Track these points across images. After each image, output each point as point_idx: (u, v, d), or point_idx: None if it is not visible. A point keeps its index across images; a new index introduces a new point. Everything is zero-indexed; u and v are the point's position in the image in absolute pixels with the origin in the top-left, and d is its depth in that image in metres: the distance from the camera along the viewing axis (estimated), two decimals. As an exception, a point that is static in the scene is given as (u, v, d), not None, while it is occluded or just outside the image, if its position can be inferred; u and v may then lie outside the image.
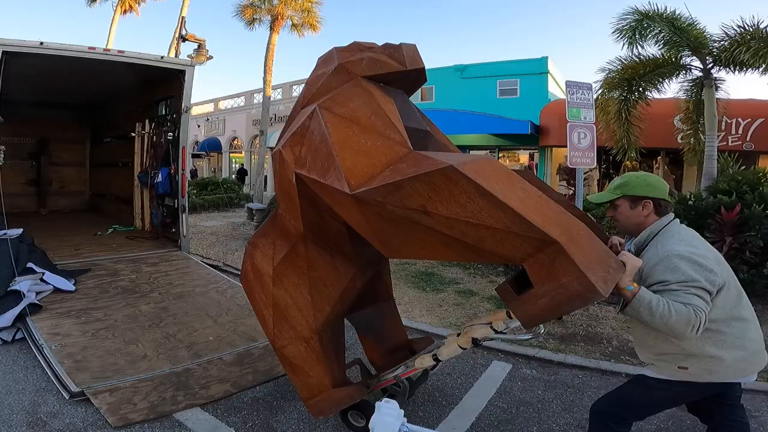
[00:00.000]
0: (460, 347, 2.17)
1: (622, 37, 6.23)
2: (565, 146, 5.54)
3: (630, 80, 6.54)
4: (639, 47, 6.30)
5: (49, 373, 3.03)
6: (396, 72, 2.35)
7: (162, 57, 5.92)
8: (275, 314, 2.40)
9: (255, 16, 17.20)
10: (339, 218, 2.10)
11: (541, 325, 2.13)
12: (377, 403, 1.44)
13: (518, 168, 15.18)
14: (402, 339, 3.01)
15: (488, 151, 15.48)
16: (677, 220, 1.83)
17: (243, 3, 16.96)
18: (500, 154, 15.41)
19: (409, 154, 2.00)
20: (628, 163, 11.70)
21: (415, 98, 16.98)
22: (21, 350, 3.51)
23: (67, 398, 2.77)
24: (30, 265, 4.11)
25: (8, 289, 3.69)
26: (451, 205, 1.71)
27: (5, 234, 4.22)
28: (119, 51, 5.52)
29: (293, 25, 18.31)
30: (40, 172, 9.48)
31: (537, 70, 14.38)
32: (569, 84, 4.82)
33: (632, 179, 1.85)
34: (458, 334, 2.25)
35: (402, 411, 1.40)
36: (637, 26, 6.13)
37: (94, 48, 5.32)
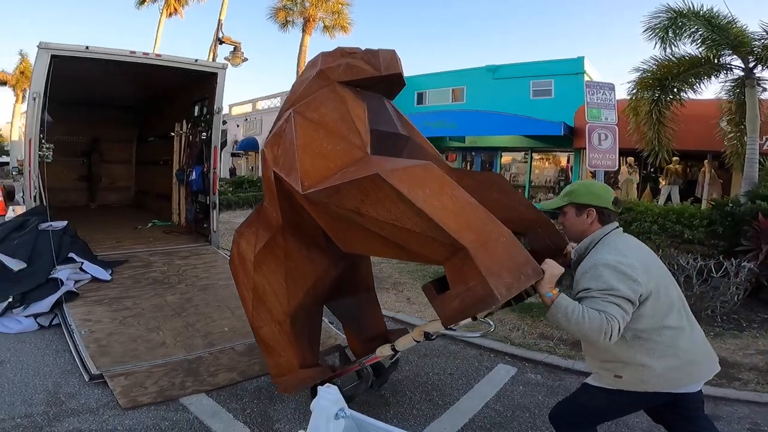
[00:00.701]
0: (414, 339, 2.33)
1: (654, 36, 5.99)
2: None
3: (663, 80, 6.27)
4: (673, 46, 6.03)
5: (75, 356, 3.33)
6: (372, 77, 2.48)
7: (196, 60, 6.21)
8: (254, 297, 2.59)
9: (288, 19, 17.58)
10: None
11: (492, 323, 2.21)
12: (319, 388, 1.54)
13: (557, 169, 14.89)
14: (380, 329, 3.12)
15: (524, 153, 15.21)
16: (620, 229, 1.87)
17: (276, 5, 17.31)
18: (534, 156, 15.08)
19: (363, 158, 2.16)
20: (671, 166, 11.16)
21: (446, 99, 16.98)
22: (55, 335, 3.86)
23: (86, 380, 3.05)
24: (71, 255, 4.49)
25: (48, 277, 4.07)
26: (379, 209, 1.90)
27: (50, 226, 4.62)
28: (156, 54, 5.89)
29: (324, 26, 18.56)
30: (91, 169, 10.16)
31: (573, 70, 13.94)
32: (589, 84, 4.72)
33: (579, 187, 1.91)
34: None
35: (340, 397, 1.49)
36: (671, 25, 5.88)
37: (134, 52, 5.69)
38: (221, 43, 10.40)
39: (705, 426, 1.86)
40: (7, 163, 25.63)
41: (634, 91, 6.62)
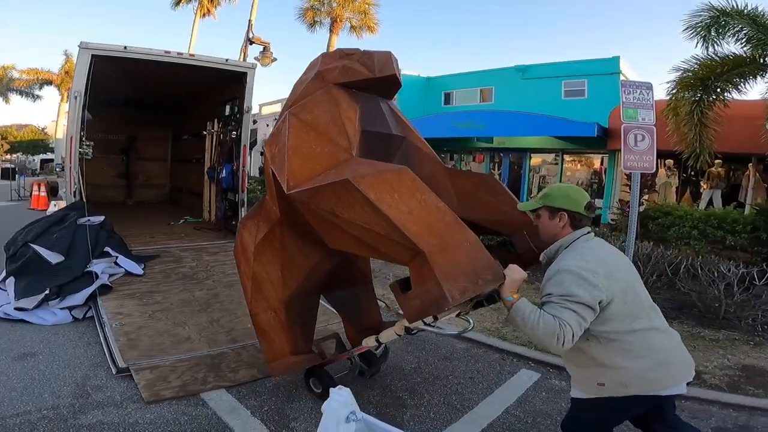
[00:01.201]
0: (396, 333, 2.43)
1: (695, 35, 5.73)
2: None
3: (705, 80, 5.98)
4: (716, 45, 5.76)
5: (105, 349, 3.45)
6: (367, 79, 2.58)
7: (226, 60, 6.35)
8: (253, 285, 2.72)
9: (315, 19, 17.72)
10: None
11: (471, 321, 2.25)
12: (330, 390, 1.55)
13: (590, 171, 14.43)
14: (375, 320, 3.20)
15: (554, 154, 14.83)
16: (590, 234, 1.87)
17: (304, 6, 17.49)
18: (565, 158, 14.69)
19: (347, 160, 2.29)
20: (713, 170, 10.65)
21: (474, 99, 16.76)
22: (88, 327, 4.02)
23: (114, 373, 3.15)
24: (107, 249, 4.68)
25: (84, 270, 4.24)
26: (351, 212, 2.03)
27: (88, 221, 4.83)
28: (190, 54, 6.05)
29: (351, 27, 18.64)
30: (128, 167, 10.59)
31: (608, 70, 13.46)
32: (624, 84, 4.54)
33: (554, 190, 1.91)
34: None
35: (352, 399, 1.48)
36: (713, 23, 5.62)
37: (169, 52, 5.87)
38: (251, 43, 10.58)
39: (680, 426, 1.89)
40: (52, 160, 26.98)
41: (674, 91, 6.37)
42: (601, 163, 14.14)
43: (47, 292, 4.05)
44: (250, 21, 11.50)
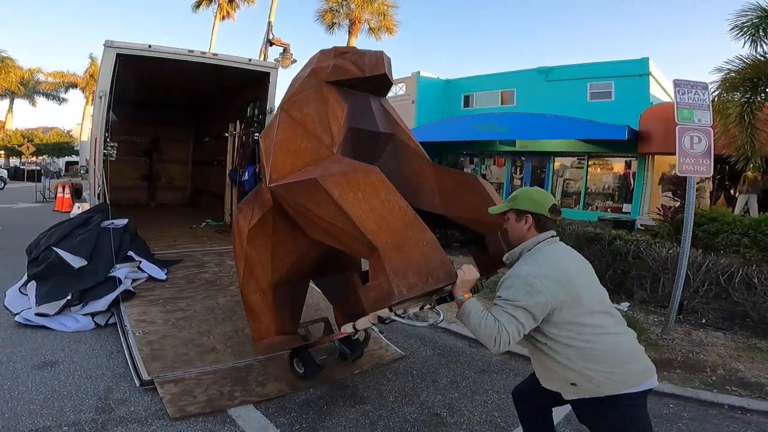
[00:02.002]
0: (370, 321, 2.47)
1: (742, 35, 5.41)
2: (672, 153, 4.87)
3: (755, 80, 5.63)
4: (765, 45, 5.42)
5: (128, 359, 3.31)
6: (357, 78, 2.69)
7: (250, 60, 6.25)
8: (245, 267, 2.82)
9: (334, 21, 17.67)
10: None
11: (441, 314, 2.30)
12: None
13: (617, 175, 13.95)
14: (364, 308, 3.21)
15: (579, 158, 14.43)
16: (553, 239, 1.87)
17: (323, 8, 17.46)
18: (590, 162, 14.26)
19: (327, 157, 2.43)
20: (749, 174, 10.16)
21: (494, 101, 16.47)
22: (110, 335, 3.90)
23: (138, 386, 3.00)
24: (130, 253, 4.56)
25: (107, 275, 4.12)
26: (318, 207, 2.19)
27: (112, 224, 4.73)
28: (213, 54, 5.95)
29: (370, 28, 18.56)
30: (151, 169, 10.56)
31: (636, 71, 13.04)
32: (678, 83, 4.25)
33: (520, 193, 1.94)
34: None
35: None
36: (761, 23, 5.29)
37: (192, 51, 5.79)
38: (271, 44, 10.48)
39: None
40: (77, 162, 27.48)
41: (719, 92, 6.02)
42: (628, 167, 13.70)
43: (69, 297, 3.94)
44: (269, 22, 11.41)
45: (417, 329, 4.44)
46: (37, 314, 3.93)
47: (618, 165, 14.15)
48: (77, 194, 13.98)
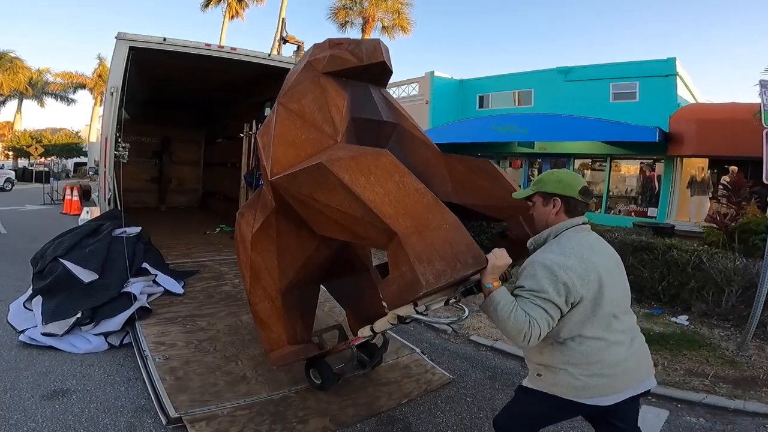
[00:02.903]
0: (389, 322, 2.27)
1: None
2: (703, 156, 4.52)
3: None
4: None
5: (150, 390, 2.90)
6: (355, 67, 2.58)
7: (269, 55, 5.93)
8: (251, 275, 2.68)
9: (347, 19, 17.34)
10: None
11: (466, 310, 2.05)
12: None
13: (642, 178, 13.41)
14: (377, 309, 3.03)
15: (600, 160, 13.94)
16: (583, 226, 1.74)
17: (335, 5, 17.15)
18: (614, 164, 13.77)
19: (331, 146, 2.27)
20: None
21: (511, 102, 16.01)
22: (126, 357, 3.49)
23: (164, 424, 2.59)
24: (144, 265, 4.16)
25: (121, 290, 3.71)
26: (327, 195, 2.03)
27: (124, 232, 4.32)
28: (232, 48, 5.57)
29: (384, 27, 18.27)
30: (161, 170, 10.18)
31: (663, 71, 12.54)
32: (765, 83, 3.82)
33: (547, 176, 1.81)
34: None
35: None
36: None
37: (209, 45, 5.42)
38: (285, 42, 10.13)
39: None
40: (86, 164, 27.27)
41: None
42: (652, 169, 13.20)
43: (79, 315, 3.53)
44: (283, 19, 11.07)
45: (452, 344, 4.14)
46: (44, 334, 3.53)
47: (634, 167, 13.68)
48: (86, 196, 13.67)
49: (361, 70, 2.61)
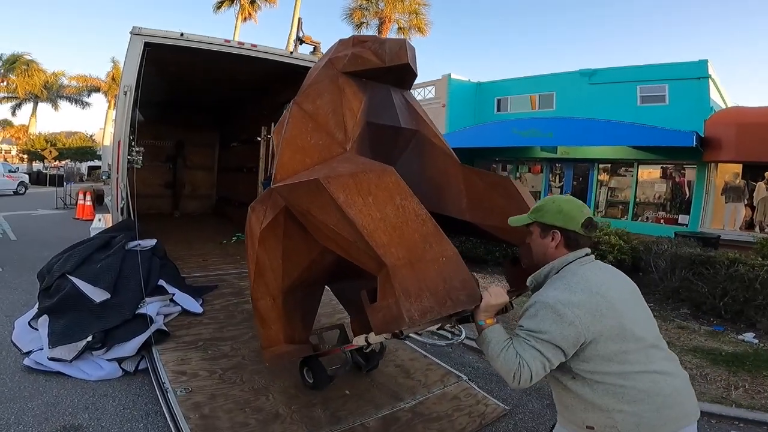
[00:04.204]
0: (383, 336, 2.15)
1: None
2: (742, 162, 4.10)
3: None
4: None
5: (173, 430, 2.51)
6: (377, 68, 2.45)
7: (291, 52, 5.60)
8: (256, 270, 2.58)
9: (363, 20, 17.06)
10: None
11: (463, 330, 1.91)
12: None
13: (672, 184, 12.85)
14: None
15: (625, 166, 13.41)
16: (587, 257, 1.60)
17: (351, 6, 16.88)
18: (642, 169, 13.22)
19: (339, 154, 2.20)
20: None
21: (528, 106, 15.54)
22: (143, 385, 3.12)
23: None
24: (161, 282, 3.78)
25: (135, 312, 3.34)
26: (322, 213, 1.96)
27: (138, 245, 3.95)
28: (252, 45, 5.22)
29: (400, 28, 18.01)
30: (175, 175, 9.84)
31: (694, 74, 12.00)
32: None
33: (547, 203, 1.66)
34: None
35: None
36: None
37: (229, 41, 5.09)
38: (301, 42, 9.84)
39: None
40: (99, 167, 27.25)
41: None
42: (682, 174, 12.64)
43: (90, 339, 3.16)
44: (299, 19, 10.77)
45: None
46: (51, 359, 3.17)
47: (655, 172, 13.11)
48: (99, 200, 13.44)
49: (384, 71, 2.49)
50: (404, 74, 2.59)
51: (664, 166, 12.93)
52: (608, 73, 13.83)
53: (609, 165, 13.89)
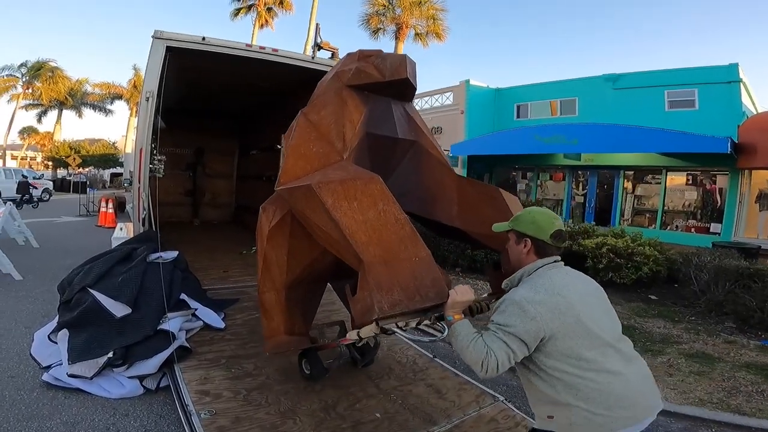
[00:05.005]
0: (373, 331, 2.14)
1: None
2: None
3: None
4: None
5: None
6: (378, 82, 2.59)
7: (313, 57, 5.45)
8: (263, 265, 2.74)
9: (379, 26, 16.97)
10: None
11: (446, 328, 1.91)
12: None
13: (703, 192, 12.39)
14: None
15: (652, 173, 13.00)
16: (555, 263, 1.76)
17: (368, 12, 16.81)
18: (671, 176, 12.79)
19: (336, 162, 2.37)
20: None
21: (545, 112, 15.19)
22: (165, 404, 3.00)
23: None
24: (183, 297, 3.67)
25: (157, 327, 3.22)
26: (314, 215, 2.18)
27: (160, 257, 3.86)
28: (273, 49, 5.13)
29: (417, 34, 17.88)
30: (195, 183, 9.82)
31: (725, 78, 11.57)
32: None
33: (524, 214, 1.83)
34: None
35: None
36: None
37: (250, 45, 5.00)
38: (320, 48, 9.76)
39: None
40: (122, 174, 27.71)
41: None
42: (713, 182, 12.18)
43: (111, 355, 3.05)
44: (317, 24, 10.72)
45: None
46: (71, 375, 3.06)
47: (681, 179, 12.68)
48: (121, 208, 13.56)
49: (385, 85, 2.63)
50: (404, 88, 2.73)
51: (693, 173, 12.51)
52: (634, 78, 13.45)
53: (633, 172, 13.51)
